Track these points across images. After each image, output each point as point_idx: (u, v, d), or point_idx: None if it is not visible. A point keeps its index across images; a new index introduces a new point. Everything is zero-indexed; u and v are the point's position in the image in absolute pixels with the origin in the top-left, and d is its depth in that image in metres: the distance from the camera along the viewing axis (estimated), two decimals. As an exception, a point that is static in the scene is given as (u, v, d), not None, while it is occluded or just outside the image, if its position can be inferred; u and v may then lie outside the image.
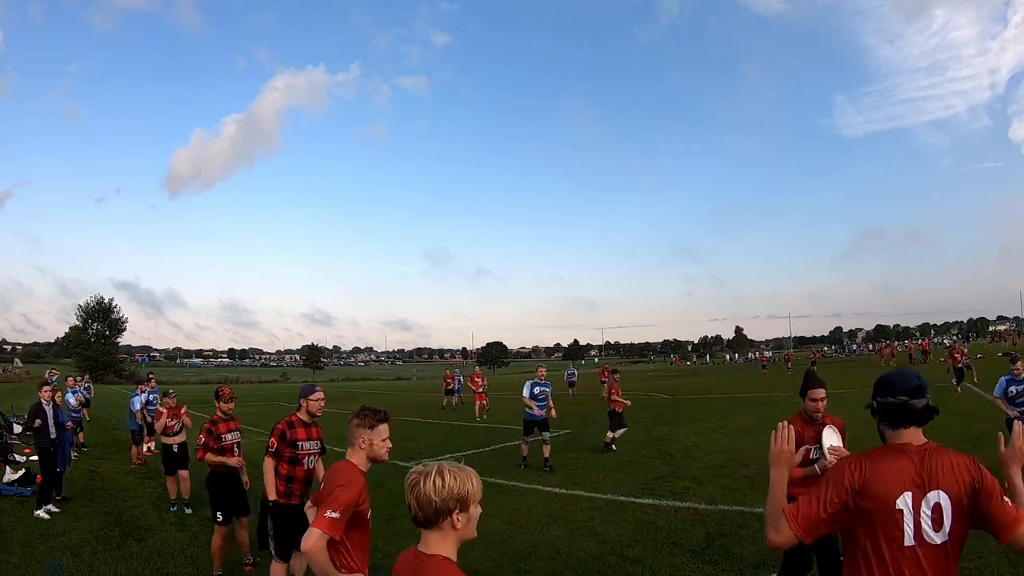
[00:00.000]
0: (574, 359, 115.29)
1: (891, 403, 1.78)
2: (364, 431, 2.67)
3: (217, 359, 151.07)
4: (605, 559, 4.97)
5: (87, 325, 60.18)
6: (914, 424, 1.76)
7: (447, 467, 1.63)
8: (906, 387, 1.77)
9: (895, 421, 1.78)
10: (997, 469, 1.80)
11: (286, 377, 77.43)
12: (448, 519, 1.62)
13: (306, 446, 4.16)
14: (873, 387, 1.86)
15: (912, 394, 1.75)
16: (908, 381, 1.79)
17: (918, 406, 1.75)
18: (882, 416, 1.82)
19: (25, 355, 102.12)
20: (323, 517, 2.39)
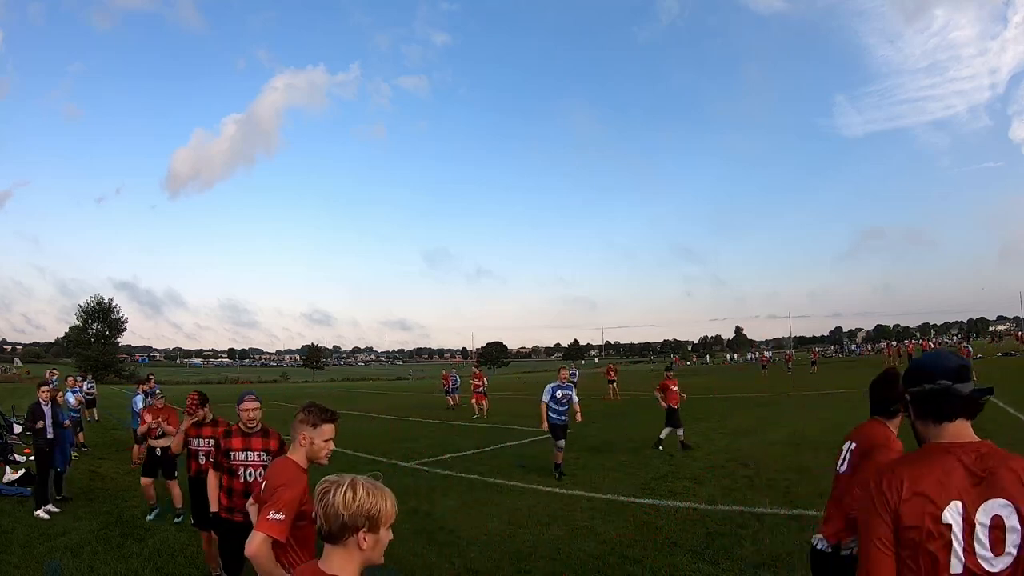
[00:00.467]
0: (574, 359, 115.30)
1: (930, 391, 1.39)
2: (307, 428, 2.54)
3: (217, 359, 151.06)
4: (605, 559, 4.97)
5: (87, 325, 60.19)
6: (961, 416, 1.37)
7: (362, 482, 1.51)
8: (947, 369, 1.39)
9: (937, 413, 1.39)
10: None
11: (286, 377, 77.39)
12: (354, 537, 1.48)
13: (240, 457, 3.84)
14: (903, 376, 1.51)
15: (955, 376, 1.37)
16: (948, 361, 1.41)
17: (964, 391, 1.36)
18: (919, 409, 1.43)
19: (25, 355, 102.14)
20: (266, 519, 2.29)
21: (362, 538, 1.48)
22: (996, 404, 13.52)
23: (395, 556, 5.22)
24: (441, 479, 8.56)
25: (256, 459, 3.83)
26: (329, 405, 2.63)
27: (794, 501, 6.46)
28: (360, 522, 1.47)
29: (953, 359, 1.42)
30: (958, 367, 1.40)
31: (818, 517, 5.74)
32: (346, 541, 1.49)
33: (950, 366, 1.40)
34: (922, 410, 1.42)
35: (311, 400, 2.70)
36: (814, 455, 9.04)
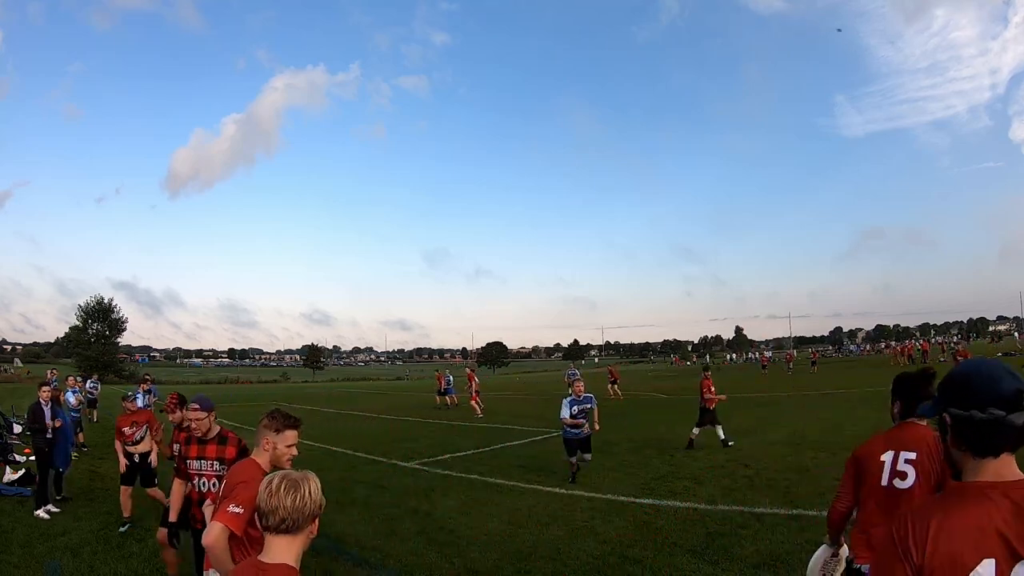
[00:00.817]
0: (574, 359, 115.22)
1: (977, 420, 1.15)
2: (270, 433, 2.65)
3: (217, 359, 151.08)
4: (605, 559, 4.96)
5: (87, 325, 60.18)
6: (1006, 450, 1.15)
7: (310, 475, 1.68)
8: (1001, 395, 1.14)
9: (980, 446, 1.16)
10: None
11: (286, 377, 77.39)
12: (309, 527, 1.64)
13: (195, 465, 3.59)
14: (939, 389, 1.27)
15: (1010, 404, 1.13)
16: (1003, 385, 1.15)
17: (1018, 423, 1.13)
18: (960, 436, 1.19)
19: (25, 355, 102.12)
20: (225, 511, 2.38)
21: (314, 527, 1.66)
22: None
23: (395, 556, 5.22)
24: (441, 479, 8.56)
25: (209, 468, 3.54)
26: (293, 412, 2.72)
27: (794, 501, 6.46)
28: (316, 512, 1.65)
29: (1008, 379, 1.16)
30: (1014, 392, 1.14)
31: (819, 517, 5.76)
32: (300, 532, 1.63)
33: (1005, 392, 1.14)
34: (963, 438, 1.18)
35: (276, 407, 2.80)
36: (814, 455, 9.04)
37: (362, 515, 6.64)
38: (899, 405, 2.51)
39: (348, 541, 5.69)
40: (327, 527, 6.20)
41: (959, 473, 1.20)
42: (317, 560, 5.13)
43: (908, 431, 2.45)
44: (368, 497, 7.53)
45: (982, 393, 1.16)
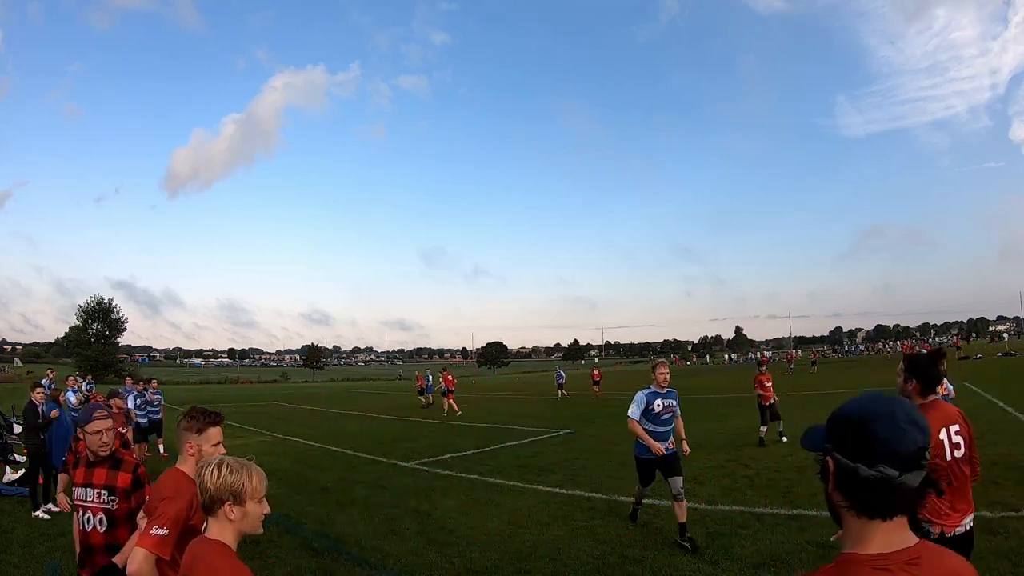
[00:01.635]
0: (574, 359, 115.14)
1: (862, 476, 0.96)
2: (192, 436, 2.37)
3: (217, 359, 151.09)
4: (605, 559, 4.96)
5: (87, 325, 60.19)
6: (900, 513, 0.97)
7: (229, 461, 1.77)
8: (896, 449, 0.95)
9: (863, 506, 0.98)
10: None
11: (286, 377, 77.41)
12: (222, 509, 1.73)
13: (80, 494, 2.84)
14: (829, 423, 1.07)
15: (906, 462, 0.95)
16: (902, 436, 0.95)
17: (913, 484, 0.95)
18: (842, 491, 1.00)
19: (25, 355, 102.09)
20: (148, 535, 2.12)
21: (228, 509, 1.73)
22: (995, 404, 13.52)
23: (395, 556, 5.22)
24: (441, 479, 8.56)
25: (96, 499, 2.81)
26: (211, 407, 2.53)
27: (794, 501, 6.46)
28: (225, 496, 1.72)
29: (911, 432, 0.95)
30: (915, 450, 0.94)
31: (819, 517, 5.77)
32: (217, 513, 1.74)
33: (905, 447, 0.95)
34: (845, 493, 0.99)
35: (192, 405, 2.58)
36: (814, 455, 9.04)
37: (362, 515, 6.65)
38: (914, 383, 2.82)
39: (348, 541, 5.69)
40: (327, 527, 6.20)
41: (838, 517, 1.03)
42: (317, 560, 5.14)
43: (942, 408, 2.77)
44: (368, 497, 7.53)
45: (877, 444, 0.95)
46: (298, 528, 6.17)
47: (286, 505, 7.19)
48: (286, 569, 4.94)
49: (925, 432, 0.97)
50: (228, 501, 1.73)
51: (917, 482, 0.94)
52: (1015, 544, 4.67)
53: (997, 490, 6.30)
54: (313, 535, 5.91)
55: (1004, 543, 4.72)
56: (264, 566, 4.99)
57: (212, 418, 2.46)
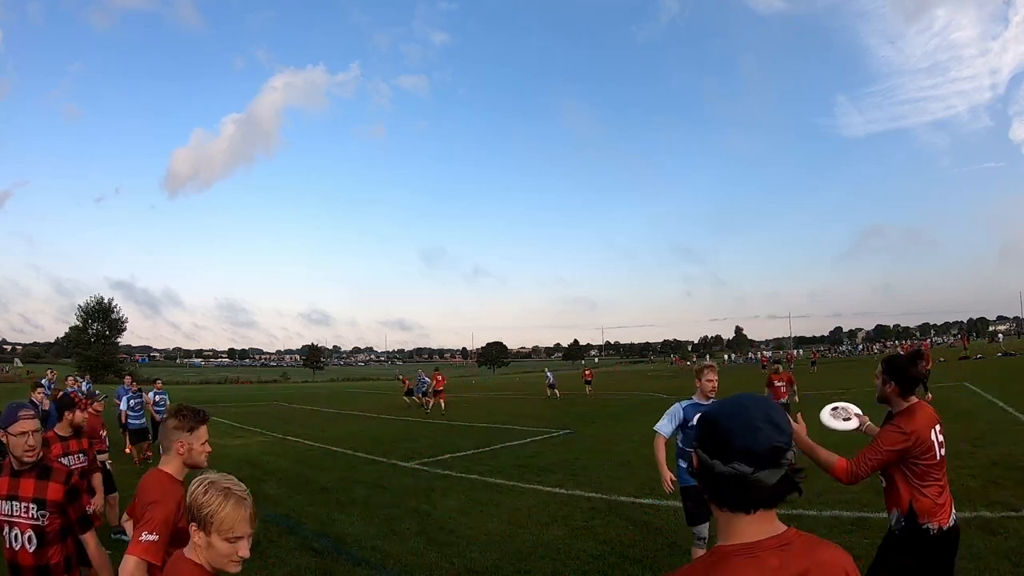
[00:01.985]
0: (574, 359, 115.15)
1: (718, 472, 1.00)
2: (183, 434, 2.28)
3: (217, 359, 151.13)
4: (605, 559, 4.96)
5: (87, 325, 60.25)
6: (761, 507, 1.00)
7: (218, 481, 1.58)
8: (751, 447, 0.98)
9: (721, 500, 1.02)
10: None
11: (286, 377, 77.42)
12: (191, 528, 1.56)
13: (5, 508, 2.49)
14: (697, 424, 1.10)
15: (761, 460, 0.97)
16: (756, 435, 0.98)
17: (769, 481, 0.97)
18: (709, 489, 1.04)
19: (25, 355, 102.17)
20: (138, 541, 2.05)
21: (194, 532, 1.54)
22: (995, 404, 13.53)
23: (395, 556, 5.23)
24: (441, 479, 8.57)
25: (23, 513, 2.47)
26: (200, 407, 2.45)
27: (793, 501, 6.45)
28: (192, 515, 1.53)
29: (766, 431, 0.98)
30: (769, 448, 0.97)
31: (818, 517, 5.77)
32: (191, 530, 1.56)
33: (759, 445, 0.97)
34: (706, 487, 1.04)
35: (179, 404, 2.52)
36: (814, 455, 9.05)
37: (362, 515, 6.65)
38: (892, 385, 2.89)
39: (348, 541, 5.70)
40: (327, 527, 6.20)
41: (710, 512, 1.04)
42: (317, 560, 5.14)
43: (926, 409, 2.88)
44: (368, 497, 7.53)
45: (732, 442, 0.99)
46: (298, 528, 6.17)
47: (286, 505, 7.20)
48: (286, 569, 4.94)
49: (783, 432, 0.99)
50: (193, 523, 1.54)
51: (774, 479, 0.97)
52: (1015, 544, 4.67)
53: (997, 490, 6.30)
54: (313, 535, 5.91)
55: (1004, 543, 4.72)
56: (264, 566, 4.99)
57: (201, 416, 2.36)
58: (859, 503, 6.18)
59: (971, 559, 4.43)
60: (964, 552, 4.59)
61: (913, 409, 2.84)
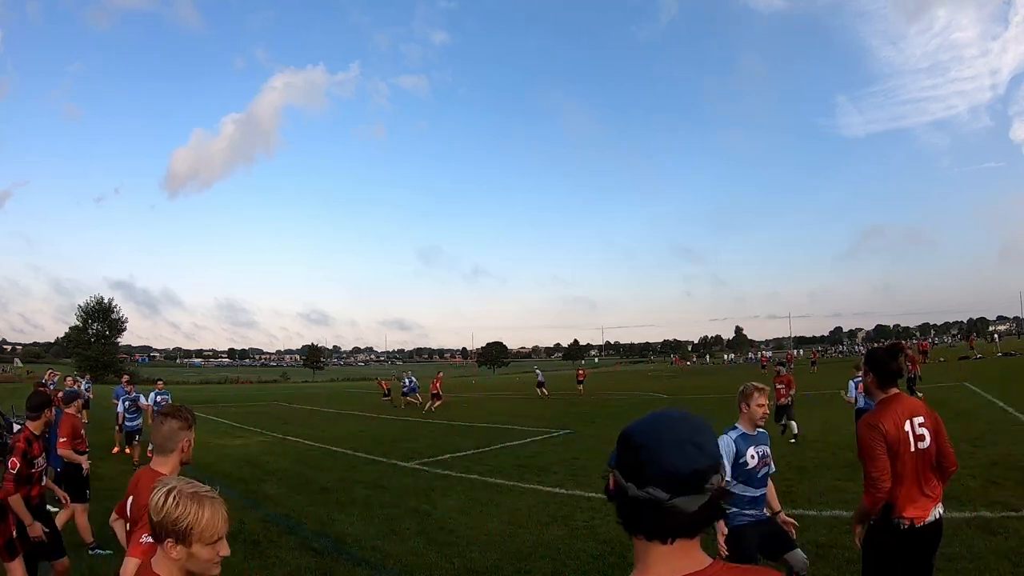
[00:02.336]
0: (574, 359, 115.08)
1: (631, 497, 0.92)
2: (187, 432, 2.38)
3: (217, 359, 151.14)
4: (605, 559, 4.96)
5: (87, 325, 60.21)
6: (680, 536, 0.91)
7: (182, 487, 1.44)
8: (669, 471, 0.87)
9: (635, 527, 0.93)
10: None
11: (286, 377, 77.40)
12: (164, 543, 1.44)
13: None
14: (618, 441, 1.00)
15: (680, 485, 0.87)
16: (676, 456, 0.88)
17: (688, 509, 0.87)
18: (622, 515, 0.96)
19: (25, 355, 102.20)
20: (138, 544, 2.02)
21: (169, 547, 1.43)
22: (995, 404, 13.53)
23: (395, 556, 5.22)
24: (441, 479, 8.56)
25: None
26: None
27: (794, 502, 6.46)
28: (166, 530, 1.41)
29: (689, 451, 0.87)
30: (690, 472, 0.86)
31: (819, 517, 5.77)
32: (162, 544, 1.45)
33: (679, 469, 0.86)
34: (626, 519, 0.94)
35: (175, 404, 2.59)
36: (814, 455, 9.05)
37: (362, 515, 6.65)
38: (871, 377, 2.95)
39: (348, 541, 5.69)
40: (327, 527, 6.20)
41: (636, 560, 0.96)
42: (317, 560, 5.14)
43: (903, 400, 2.86)
44: (368, 497, 7.53)
45: (648, 465, 0.88)
46: (298, 528, 6.17)
47: (286, 505, 7.20)
48: (286, 569, 4.94)
49: (708, 455, 0.87)
50: (169, 538, 1.42)
51: (694, 507, 0.86)
52: (1015, 544, 4.68)
53: (997, 490, 6.30)
54: (313, 535, 5.91)
55: (1004, 543, 4.72)
56: (264, 566, 4.99)
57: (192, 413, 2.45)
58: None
59: (971, 559, 4.44)
60: (964, 552, 4.60)
61: (886, 401, 2.84)
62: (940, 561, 4.44)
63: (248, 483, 8.61)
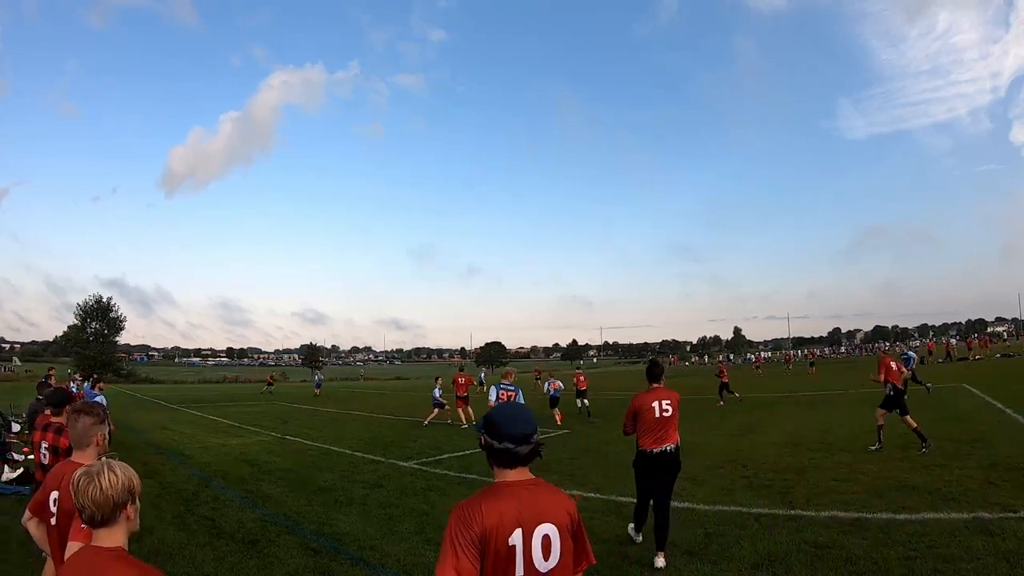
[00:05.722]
0: (573, 359, 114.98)
1: (496, 448, 1.82)
2: (100, 427, 2.61)
3: (215, 358, 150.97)
4: (604, 559, 4.96)
5: (86, 324, 60.11)
6: (520, 466, 1.83)
7: (111, 461, 1.71)
8: (511, 433, 1.81)
9: (499, 463, 1.84)
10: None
11: (285, 376, 77.26)
12: (123, 513, 1.68)
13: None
14: (483, 420, 1.90)
15: (517, 440, 1.81)
16: (514, 426, 1.82)
17: (522, 452, 1.81)
18: (491, 456, 1.85)
19: (24, 354, 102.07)
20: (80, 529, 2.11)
21: (129, 511, 1.69)
22: (994, 405, 13.55)
23: (394, 556, 5.22)
24: (440, 479, 8.56)
25: None
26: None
27: (792, 502, 6.47)
28: (125, 497, 1.67)
29: (520, 424, 1.82)
30: (521, 434, 1.81)
31: (817, 518, 5.79)
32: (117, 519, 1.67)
33: (516, 432, 1.81)
34: (490, 456, 1.86)
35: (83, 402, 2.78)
36: (812, 456, 9.06)
37: (361, 515, 6.65)
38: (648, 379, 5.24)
39: (347, 540, 5.69)
40: (326, 526, 6.20)
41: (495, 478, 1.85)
42: (316, 560, 5.14)
43: (657, 390, 5.07)
44: (367, 497, 7.53)
45: (501, 431, 1.82)
46: (297, 528, 6.17)
47: (285, 505, 7.19)
48: (285, 569, 4.94)
49: (531, 425, 1.84)
50: (128, 502, 1.68)
51: (527, 451, 1.81)
52: (1013, 545, 4.68)
53: (995, 491, 6.32)
54: (312, 535, 5.91)
55: (1002, 544, 4.73)
56: (263, 565, 4.99)
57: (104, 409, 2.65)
58: (858, 504, 6.19)
59: (969, 560, 4.45)
60: (962, 553, 4.61)
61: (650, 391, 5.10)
62: (939, 562, 4.46)
63: (247, 482, 8.60)
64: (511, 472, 1.82)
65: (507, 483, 1.81)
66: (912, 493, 6.50)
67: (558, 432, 13.57)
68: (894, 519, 5.61)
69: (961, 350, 41.22)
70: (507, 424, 1.82)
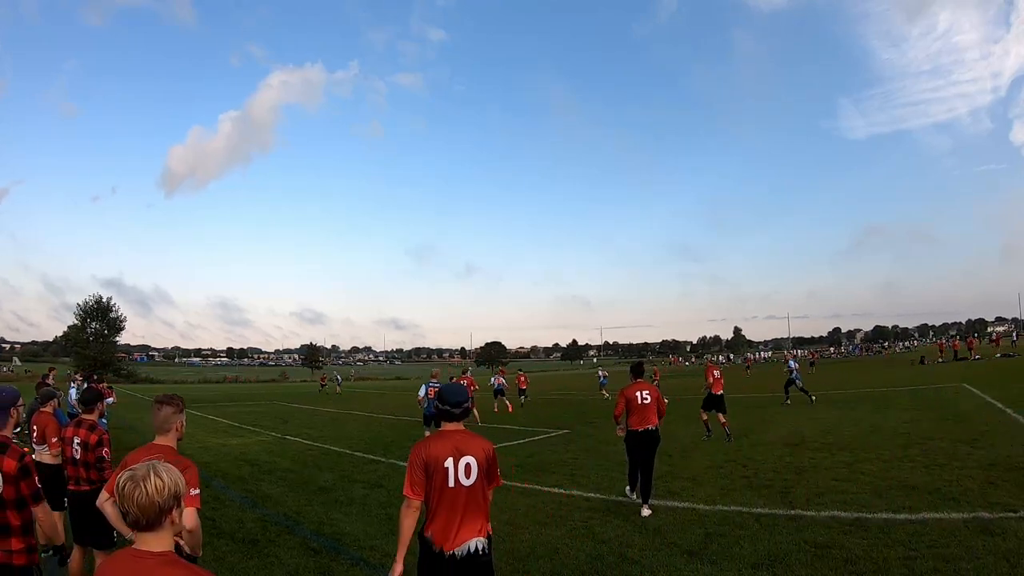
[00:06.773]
0: (573, 359, 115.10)
1: (441, 410, 2.92)
2: (181, 416, 3.05)
3: (215, 359, 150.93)
4: (603, 559, 4.97)
5: (86, 324, 60.09)
6: (456, 421, 2.91)
7: (156, 465, 1.67)
8: (453, 403, 2.90)
9: (445, 419, 2.91)
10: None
11: (285, 376, 77.29)
12: (168, 517, 1.65)
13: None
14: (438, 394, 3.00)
15: (455, 406, 2.90)
16: (454, 398, 2.91)
17: (456, 412, 2.90)
18: (440, 415, 2.93)
19: (24, 354, 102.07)
20: (192, 496, 2.66)
21: (175, 515, 1.67)
22: (994, 405, 13.54)
23: (393, 555, 5.22)
24: (440, 479, 8.55)
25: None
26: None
27: (792, 501, 6.47)
28: (172, 503, 1.64)
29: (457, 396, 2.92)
30: (456, 402, 2.90)
31: (817, 518, 5.78)
32: (163, 523, 1.64)
33: (454, 400, 2.90)
34: (441, 416, 2.93)
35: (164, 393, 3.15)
36: (812, 456, 9.05)
37: (361, 514, 6.65)
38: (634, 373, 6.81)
39: (347, 540, 5.69)
40: (326, 526, 6.20)
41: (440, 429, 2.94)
42: (316, 559, 5.14)
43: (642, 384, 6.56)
44: (367, 496, 7.53)
45: (446, 399, 2.91)
46: (297, 527, 6.17)
47: (285, 505, 7.19)
48: (285, 568, 4.94)
49: (463, 395, 2.94)
50: (174, 507, 1.65)
51: (459, 411, 2.90)
52: (1013, 545, 4.68)
53: (995, 491, 6.32)
54: (312, 534, 5.91)
55: (1002, 543, 4.73)
56: (263, 565, 4.99)
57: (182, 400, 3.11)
58: (858, 504, 6.19)
59: (969, 559, 4.44)
60: (962, 553, 4.60)
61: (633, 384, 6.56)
62: (939, 562, 4.46)
63: (247, 482, 8.60)
64: (450, 425, 2.90)
65: (447, 431, 2.89)
66: (912, 493, 6.50)
67: (558, 432, 13.55)
68: (894, 519, 5.61)
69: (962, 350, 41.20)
70: (450, 396, 2.91)
